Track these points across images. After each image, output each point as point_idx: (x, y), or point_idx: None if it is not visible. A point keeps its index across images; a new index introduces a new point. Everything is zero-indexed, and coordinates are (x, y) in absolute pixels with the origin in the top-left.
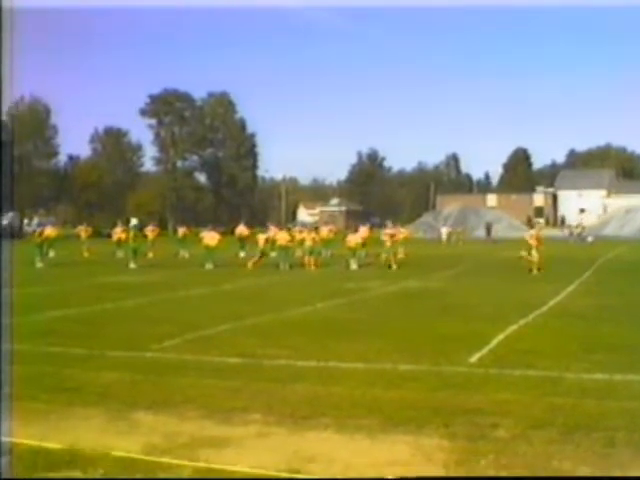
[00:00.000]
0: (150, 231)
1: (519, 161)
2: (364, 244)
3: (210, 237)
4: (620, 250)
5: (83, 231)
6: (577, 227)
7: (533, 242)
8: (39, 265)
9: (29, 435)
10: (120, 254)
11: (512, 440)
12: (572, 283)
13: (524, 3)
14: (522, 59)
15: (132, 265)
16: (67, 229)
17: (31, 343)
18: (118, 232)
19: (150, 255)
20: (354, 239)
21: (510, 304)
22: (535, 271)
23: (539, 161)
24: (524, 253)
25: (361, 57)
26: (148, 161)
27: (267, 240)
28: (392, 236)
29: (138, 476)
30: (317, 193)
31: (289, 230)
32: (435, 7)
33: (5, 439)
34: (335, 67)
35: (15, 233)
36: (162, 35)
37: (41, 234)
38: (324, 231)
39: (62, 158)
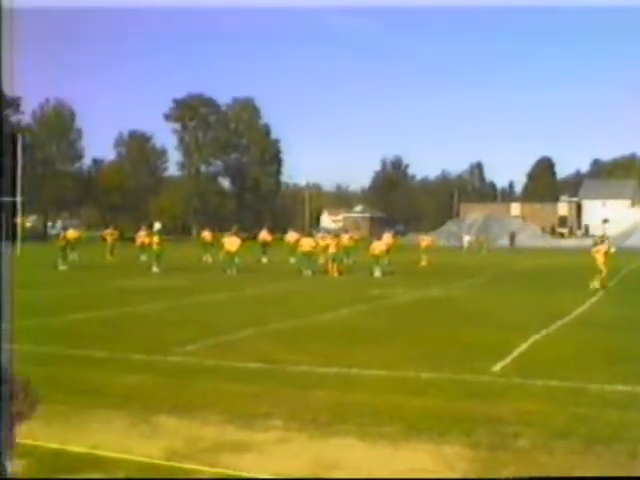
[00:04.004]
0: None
1: (543, 170)
2: (388, 251)
3: (230, 242)
4: None
5: (109, 235)
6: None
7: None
8: (62, 268)
9: (51, 437)
10: (143, 258)
11: (534, 450)
12: (595, 294)
13: (548, 10)
14: (547, 67)
15: (155, 269)
16: (91, 232)
17: (53, 345)
18: (142, 236)
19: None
20: (378, 246)
21: (533, 314)
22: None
23: (563, 170)
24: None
25: (387, 64)
26: (172, 165)
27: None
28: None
29: None
30: (341, 200)
31: (311, 236)
32: (461, 15)
33: (23, 441)
34: (361, 74)
35: (38, 236)
36: (187, 39)
37: (64, 237)
38: (344, 238)
39: (86, 161)
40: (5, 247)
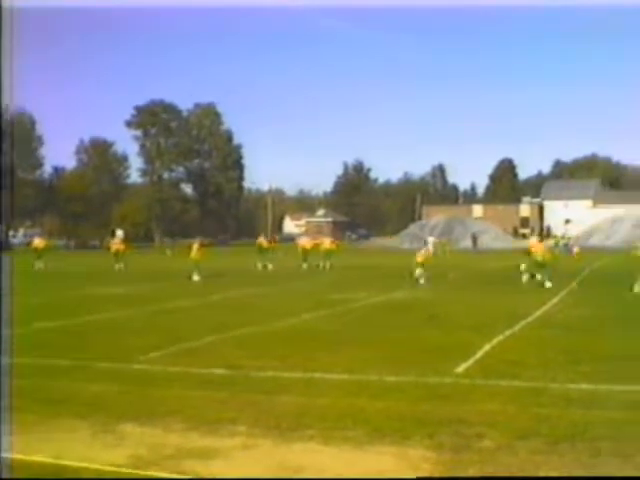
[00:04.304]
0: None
1: (505, 172)
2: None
3: (195, 249)
4: (605, 261)
5: (38, 242)
6: (563, 238)
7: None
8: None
9: (15, 447)
10: (119, 266)
11: (498, 450)
12: (557, 294)
13: (509, 16)
14: (507, 70)
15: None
16: (53, 240)
17: (18, 355)
18: (117, 243)
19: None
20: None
21: (496, 315)
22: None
23: (525, 171)
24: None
25: (348, 69)
26: (134, 172)
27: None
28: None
29: None
30: (303, 204)
31: (275, 241)
32: (423, 20)
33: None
34: (321, 79)
35: (1, 245)
36: (148, 46)
37: (29, 245)
38: (326, 242)
39: (47, 169)
40: None
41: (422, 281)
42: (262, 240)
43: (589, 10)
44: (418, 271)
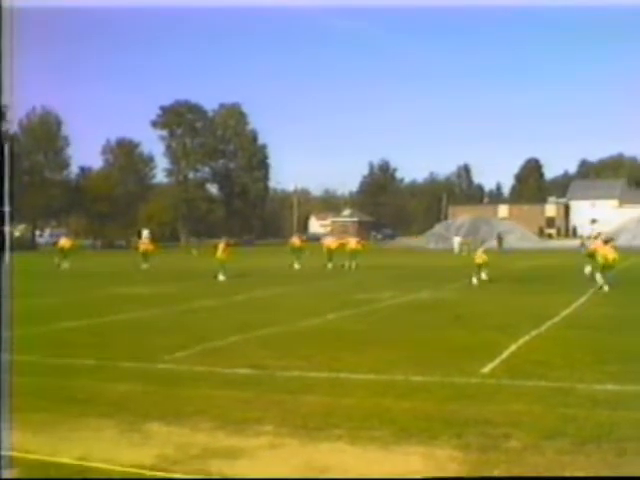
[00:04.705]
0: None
1: (531, 171)
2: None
3: (221, 249)
4: (632, 261)
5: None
6: (589, 238)
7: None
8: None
9: (40, 447)
10: (145, 266)
11: (524, 450)
12: (584, 294)
13: (533, 14)
14: (534, 70)
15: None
16: (79, 240)
17: (43, 354)
18: (145, 243)
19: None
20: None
21: (522, 315)
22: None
23: (551, 171)
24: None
25: (374, 69)
26: (160, 172)
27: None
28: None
29: None
30: (329, 204)
31: (303, 241)
32: (449, 20)
33: (7, 453)
34: (347, 78)
35: (27, 245)
36: (173, 46)
37: (55, 244)
38: (352, 242)
39: (74, 169)
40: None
41: (479, 279)
42: (295, 239)
43: (622, 9)
44: (477, 272)
